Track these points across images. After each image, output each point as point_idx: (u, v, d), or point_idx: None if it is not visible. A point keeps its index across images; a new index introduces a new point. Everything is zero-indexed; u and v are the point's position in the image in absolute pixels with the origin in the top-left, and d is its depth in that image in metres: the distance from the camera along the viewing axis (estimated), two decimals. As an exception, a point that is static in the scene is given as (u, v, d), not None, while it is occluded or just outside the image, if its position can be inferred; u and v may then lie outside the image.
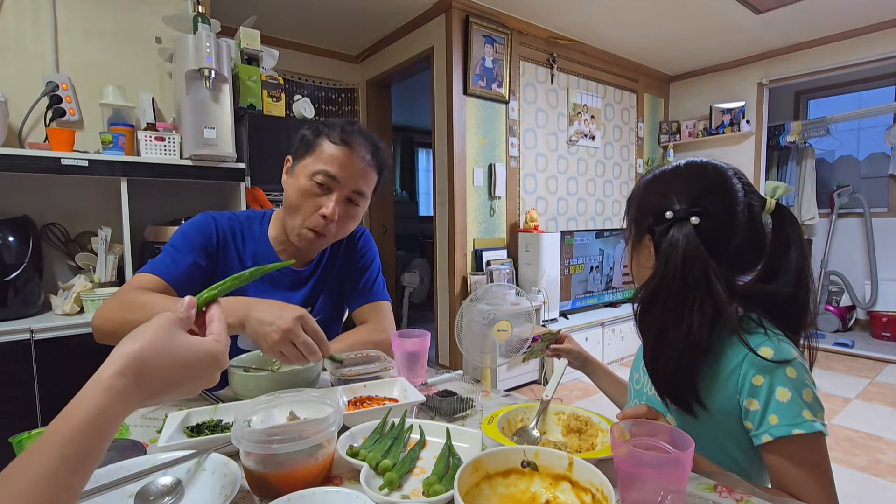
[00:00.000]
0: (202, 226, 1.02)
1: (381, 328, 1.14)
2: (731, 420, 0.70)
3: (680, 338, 0.69)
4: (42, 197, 1.80)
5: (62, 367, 1.52)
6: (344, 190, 0.99)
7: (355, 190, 1.00)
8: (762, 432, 0.66)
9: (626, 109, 4.34)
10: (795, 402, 0.65)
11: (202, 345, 0.48)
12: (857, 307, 4.19)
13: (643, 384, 0.84)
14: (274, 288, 1.07)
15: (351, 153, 0.98)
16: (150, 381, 0.43)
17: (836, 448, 2.25)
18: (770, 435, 0.66)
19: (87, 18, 1.87)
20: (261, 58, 2.06)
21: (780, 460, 0.66)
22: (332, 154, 0.98)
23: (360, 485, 0.56)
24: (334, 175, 0.97)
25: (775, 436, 0.65)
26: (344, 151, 0.98)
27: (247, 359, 0.90)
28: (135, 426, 0.77)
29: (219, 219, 1.05)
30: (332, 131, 1.00)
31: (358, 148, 0.99)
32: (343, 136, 0.99)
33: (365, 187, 1.02)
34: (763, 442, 0.66)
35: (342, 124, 1.02)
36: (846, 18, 3.42)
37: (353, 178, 0.99)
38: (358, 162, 0.99)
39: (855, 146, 4.57)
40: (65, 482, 0.36)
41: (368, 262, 1.20)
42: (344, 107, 3.94)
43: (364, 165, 1.00)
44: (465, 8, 3.06)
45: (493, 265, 3.20)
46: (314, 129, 1.02)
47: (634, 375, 0.88)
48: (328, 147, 0.98)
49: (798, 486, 0.65)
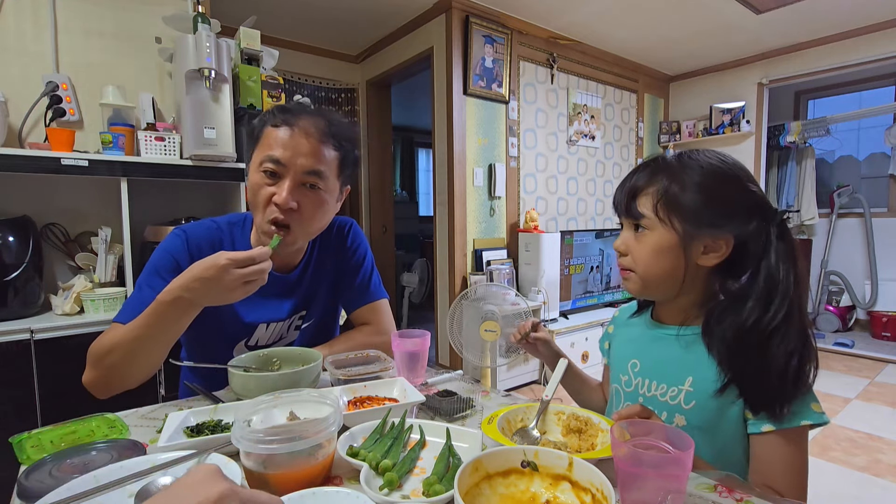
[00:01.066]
0: (171, 248, 0.95)
1: (381, 330, 1.13)
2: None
3: (791, 339, 0.66)
4: (42, 197, 1.80)
5: (62, 367, 1.52)
6: (294, 173, 0.89)
7: (307, 170, 0.89)
8: (764, 422, 0.67)
9: (626, 109, 4.34)
10: (808, 395, 0.67)
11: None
12: (857, 307, 4.19)
13: (636, 385, 0.81)
14: (263, 297, 1.00)
15: (294, 131, 0.89)
16: None
17: (836, 448, 2.25)
18: (773, 425, 0.66)
19: (87, 18, 1.86)
20: (261, 58, 2.06)
21: (773, 450, 0.67)
22: (275, 137, 0.89)
23: (360, 485, 0.56)
24: (278, 158, 0.88)
25: (781, 426, 0.66)
26: (286, 131, 0.89)
27: (247, 359, 0.90)
28: (135, 426, 0.77)
29: (191, 233, 0.98)
30: (274, 116, 0.92)
31: (303, 124, 0.90)
32: (284, 116, 0.91)
33: (319, 165, 0.90)
34: (762, 431, 0.67)
35: (284, 106, 0.94)
36: (846, 18, 3.42)
37: (301, 158, 0.89)
38: (303, 138, 0.89)
39: (855, 146, 4.57)
40: None
41: (361, 257, 1.15)
42: (344, 107, 3.94)
43: (312, 141, 0.90)
44: (465, 8, 3.06)
45: (493, 265, 3.20)
46: (260, 118, 0.95)
47: (623, 378, 0.84)
48: (270, 132, 0.90)
49: (783, 475, 0.66)
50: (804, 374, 0.66)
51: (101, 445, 0.65)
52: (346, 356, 0.96)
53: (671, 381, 0.76)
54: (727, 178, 0.72)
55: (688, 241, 0.72)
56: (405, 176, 6.85)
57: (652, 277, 0.75)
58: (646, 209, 0.74)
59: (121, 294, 1.72)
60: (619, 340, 0.92)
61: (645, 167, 0.77)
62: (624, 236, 0.78)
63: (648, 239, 0.74)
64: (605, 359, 0.96)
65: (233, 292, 0.78)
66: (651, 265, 0.74)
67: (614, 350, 0.92)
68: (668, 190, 0.72)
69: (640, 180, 0.75)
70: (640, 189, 0.75)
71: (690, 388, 0.74)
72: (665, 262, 0.73)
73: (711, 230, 0.71)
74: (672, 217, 0.72)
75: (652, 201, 0.73)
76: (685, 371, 0.75)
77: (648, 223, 0.74)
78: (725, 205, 0.71)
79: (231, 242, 1.03)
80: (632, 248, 0.76)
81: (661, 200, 0.72)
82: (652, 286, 0.77)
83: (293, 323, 1.08)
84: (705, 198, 0.71)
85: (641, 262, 0.75)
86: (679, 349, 0.77)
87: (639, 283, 0.77)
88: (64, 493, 0.51)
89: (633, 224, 0.77)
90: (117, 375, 0.84)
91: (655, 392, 0.78)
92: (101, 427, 0.74)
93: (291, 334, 1.10)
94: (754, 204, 0.71)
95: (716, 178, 0.72)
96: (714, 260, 0.73)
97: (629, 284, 0.78)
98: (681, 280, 0.75)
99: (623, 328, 0.93)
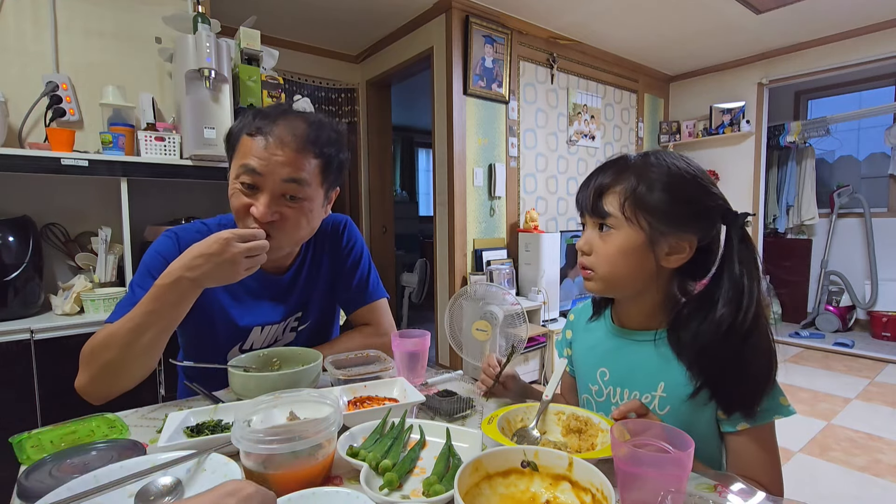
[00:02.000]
0: (163, 250, 0.93)
1: (381, 331, 1.12)
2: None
3: (762, 339, 0.68)
4: (42, 197, 1.80)
5: (62, 367, 1.52)
6: (271, 184, 0.84)
7: (286, 179, 0.85)
8: (738, 420, 0.69)
9: (626, 109, 4.34)
10: (775, 390, 0.69)
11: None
12: (857, 307, 4.19)
13: (607, 395, 0.80)
14: (256, 299, 1.00)
15: (268, 140, 0.84)
16: None
17: (836, 448, 2.25)
18: (747, 423, 0.68)
19: (87, 18, 1.86)
20: (261, 58, 2.06)
21: (748, 445, 0.69)
22: (249, 147, 0.85)
23: (360, 485, 0.56)
24: (254, 168, 0.84)
25: (755, 423, 0.68)
26: (261, 141, 0.84)
27: (247, 359, 0.90)
28: (135, 426, 0.77)
29: (182, 235, 0.95)
30: (249, 122, 0.87)
31: (278, 131, 0.85)
32: (258, 123, 0.86)
33: (297, 173, 0.85)
34: (737, 430, 0.69)
35: (259, 111, 0.89)
36: (846, 18, 3.42)
37: (277, 168, 0.84)
38: (278, 148, 0.84)
39: (855, 146, 4.57)
40: None
41: (357, 256, 1.12)
42: (344, 107, 3.94)
43: (288, 151, 0.85)
44: (465, 8, 3.06)
45: (493, 265, 3.20)
46: (236, 123, 0.91)
47: (592, 387, 0.83)
48: (245, 141, 0.86)
49: (759, 469, 0.68)
50: (773, 371, 0.68)
51: (101, 445, 0.65)
52: (346, 356, 0.96)
53: (643, 388, 0.76)
54: (693, 180, 0.72)
55: (654, 241, 0.71)
56: (405, 176, 6.85)
57: (616, 277, 0.74)
58: (612, 207, 0.72)
59: (121, 294, 1.71)
60: (582, 347, 0.89)
61: (610, 166, 0.76)
62: (587, 235, 0.77)
63: (614, 238, 0.73)
64: (568, 367, 0.93)
65: (236, 266, 0.77)
66: (616, 264, 0.73)
67: (578, 358, 0.90)
68: (635, 189, 0.71)
69: (606, 178, 0.74)
70: (606, 187, 0.74)
71: (663, 393, 0.74)
72: (630, 262, 0.73)
73: (677, 231, 0.71)
74: (639, 216, 0.71)
75: (619, 200, 0.72)
76: (656, 377, 0.75)
77: (614, 222, 0.73)
78: (691, 205, 0.71)
79: None
80: (596, 248, 0.75)
81: (629, 199, 0.71)
82: (615, 286, 0.76)
83: (289, 325, 1.07)
84: (672, 198, 0.70)
85: (606, 262, 0.74)
86: (647, 355, 0.76)
87: (601, 283, 0.76)
88: (64, 493, 0.51)
89: (597, 223, 0.75)
90: (112, 374, 0.80)
91: (628, 400, 0.77)
92: (101, 427, 0.74)
93: (287, 336, 1.08)
94: (717, 206, 0.72)
95: (682, 179, 0.72)
96: (677, 262, 0.73)
97: (591, 284, 0.77)
98: (644, 280, 0.74)
99: (583, 333, 0.91)
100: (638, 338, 0.78)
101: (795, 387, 3.02)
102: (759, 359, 0.67)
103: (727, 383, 0.68)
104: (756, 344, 0.67)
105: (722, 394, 0.68)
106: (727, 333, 0.67)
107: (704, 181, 0.73)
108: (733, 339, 0.67)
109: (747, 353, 0.67)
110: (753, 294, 0.67)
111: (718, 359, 0.68)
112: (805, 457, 2.18)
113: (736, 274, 0.68)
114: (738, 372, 0.67)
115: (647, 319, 0.78)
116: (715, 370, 0.68)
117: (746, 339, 0.67)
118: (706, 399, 0.70)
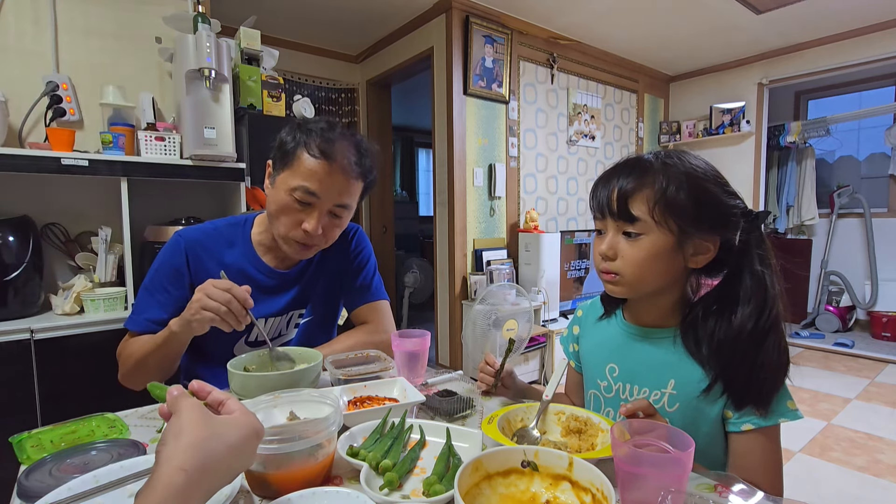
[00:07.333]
0: (169, 257, 1.02)
1: (381, 329, 1.14)
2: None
3: (782, 336, 0.69)
4: (42, 197, 1.80)
5: (62, 367, 1.52)
6: (325, 205, 0.94)
7: (338, 204, 0.96)
8: (745, 420, 0.69)
9: (626, 109, 4.34)
10: (784, 392, 0.69)
11: (242, 419, 0.47)
12: (857, 307, 4.19)
13: (616, 390, 0.80)
14: (258, 291, 1.02)
15: (331, 166, 0.92)
16: (211, 468, 0.42)
17: (835, 448, 2.25)
18: (752, 424, 0.68)
19: (87, 18, 1.86)
20: (261, 58, 2.06)
21: (753, 447, 0.69)
22: (311, 168, 0.91)
23: (360, 485, 0.56)
24: (314, 191, 0.92)
25: (762, 424, 0.67)
26: (323, 166, 0.91)
27: (247, 359, 0.90)
28: (135, 426, 0.77)
29: (188, 238, 1.02)
30: (310, 140, 0.92)
31: (339, 159, 0.92)
32: (322, 146, 0.92)
33: (348, 199, 0.97)
34: (742, 430, 0.69)
35: (321, 131, 0.94)
36: (846, 18, 3.42)
37: (334, 193, 0.94)
38: (339, 175, 0.93)
39: (855, 146, 4.57)
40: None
41: (364, 260, 1.17)
42: (344, 107, 3.94)
43: (346, 178, 0.94)
44: (465, 8, 3.06)
45: (494, 265, 3.20)
46: (293, 135, 0.95)
47: (601, 383, 0.83)
48: (307, 160, 0.92)
49: (760, 471, 0.68)
50: (788, 367, 0.69)
51: (101, 445, 0.65)
52: (346, 356, 0.96)
53: (653, 384, 0.76)
54: (714, 180, 0.72)
55: (682, 243, 0.71)
56: (405, 176, 6.85)
57: (644, 281, 0.73)
58: (640, 212, 0.70)
59: (121, 294, 1.72)
60: (590, 343, 0.89)
61: (630, 168, 0.73)
62: (611, 240, 0.73)
63: (643, 243, 0.71)
64: (572, 362, 0.93)
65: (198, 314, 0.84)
66: (645, 268, 0.71)
67: (585, 353, 0.89)
68: (665, 192, 0.69)
69: (630, 182, 0.71)
70: (632, 191, 0.71)
71: (674, 390, 0.74)
72: (659, 265, 0.71)
73: (703, 232, 0.71)
74: (668, 219, 0.69)
75: (647, 203, 0.70)
76: (668, 374, 0.75)
77: (643, 227, 0.70)
78: (717, 206, 0.71)
79: (229, 244, 1.05)
80: (622, 252, 0.72)
81: (659, 202, 0.69)
82: (642, 289, 0.75)
83: (291, 319, 1.10)
84: (698, 199, 0.69)
85: (634, 266, 0.72)
86: (659, 351, 0.76)
87: (627, 288, 0.74)
88: (64, 493, 0.51)
89: (621, 227, 0.73)
90: (138, 376, 0.97)
91: (637, 396, 0.77)
92: (101, 427, 0.74)
93: (290, 331, 1.11)
94: (737, 206, 0.72)
95: (705, 179, 0.71)
96: (703, 262, 0.73)
97: (617, 289, 0.75)
98: (669, 281, 0.74)
99: (592, 329, 0.90)
100: (654, 335, 0.78)
101: (795, 387, 2.97)
102: (777, 355, 0.68)
103: (743, 377, 0.68)
104: (776, 341, 0.68)
105: (736, 387, 0.69)
106: (753, 330, 0.68)
107: (722, 180, 0.73)
108: (756, 335, 0.68)
109: (767, 349, 0.67)
110: (776, 292, 0.69)
111: (737, 354, 0.68)
112: (805, 457, 2.17)
113: (758, 272, 0.69)
114: (755, 367, 0.67)
115: (663, 317, 0.78)
116: (733, 365, 0.68)
117: (767, 336, 0.68)
118: (718, 394, 0.70)
